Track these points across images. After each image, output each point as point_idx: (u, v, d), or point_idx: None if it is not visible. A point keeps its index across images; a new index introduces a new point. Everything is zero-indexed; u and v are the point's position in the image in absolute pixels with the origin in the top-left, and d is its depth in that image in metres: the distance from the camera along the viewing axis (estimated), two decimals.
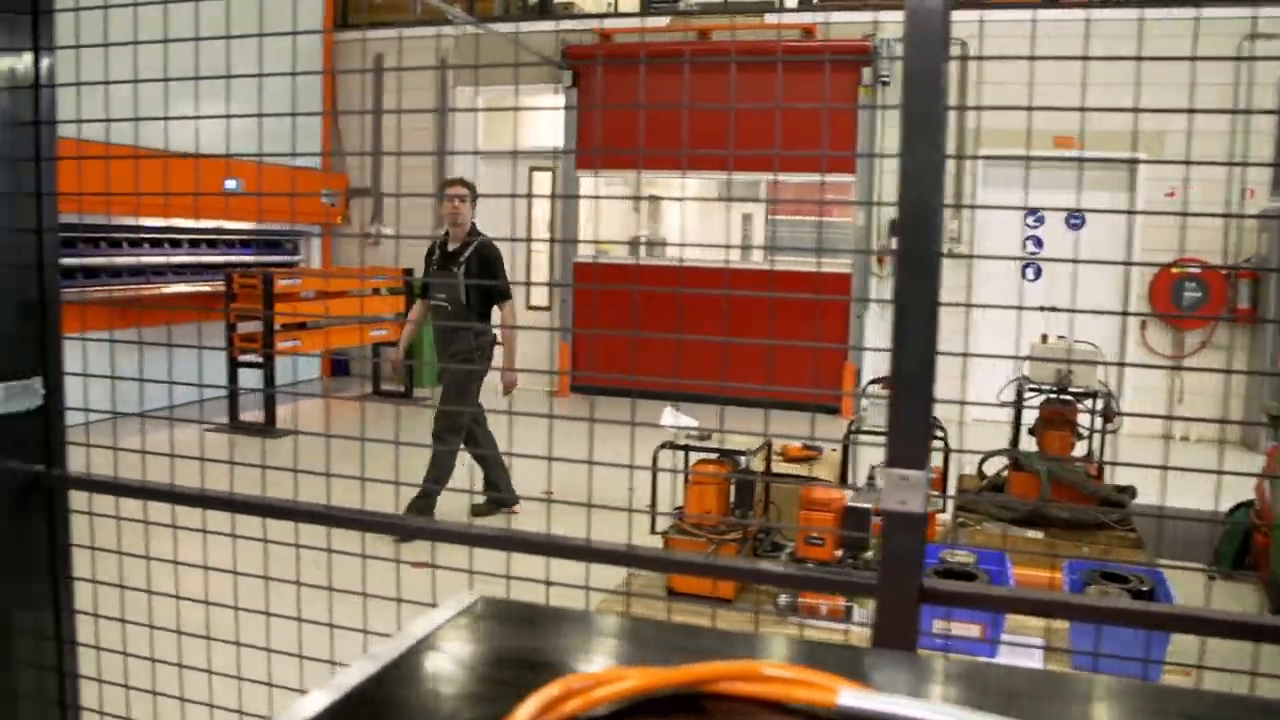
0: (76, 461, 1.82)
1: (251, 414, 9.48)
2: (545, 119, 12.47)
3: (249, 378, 10.01)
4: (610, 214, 12.27)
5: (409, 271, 11.55)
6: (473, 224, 6.56)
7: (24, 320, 1.65)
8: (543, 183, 12.49)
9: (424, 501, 6.27)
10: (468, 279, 6.34)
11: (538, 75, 11.90)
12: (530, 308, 12.28)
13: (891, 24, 10.74)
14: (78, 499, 1.81)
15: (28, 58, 1.67)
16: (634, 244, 12.45)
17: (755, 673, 0.77)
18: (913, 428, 1.28)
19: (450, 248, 6.55)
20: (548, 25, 12.12)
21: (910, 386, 1.26)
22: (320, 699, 0.84)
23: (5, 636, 1.69)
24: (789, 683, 0.76)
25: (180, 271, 10.30)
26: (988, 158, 10.18)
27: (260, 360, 9.60)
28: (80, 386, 2.23)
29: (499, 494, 6.48)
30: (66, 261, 9.15)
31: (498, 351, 6.67)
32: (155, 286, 9.87)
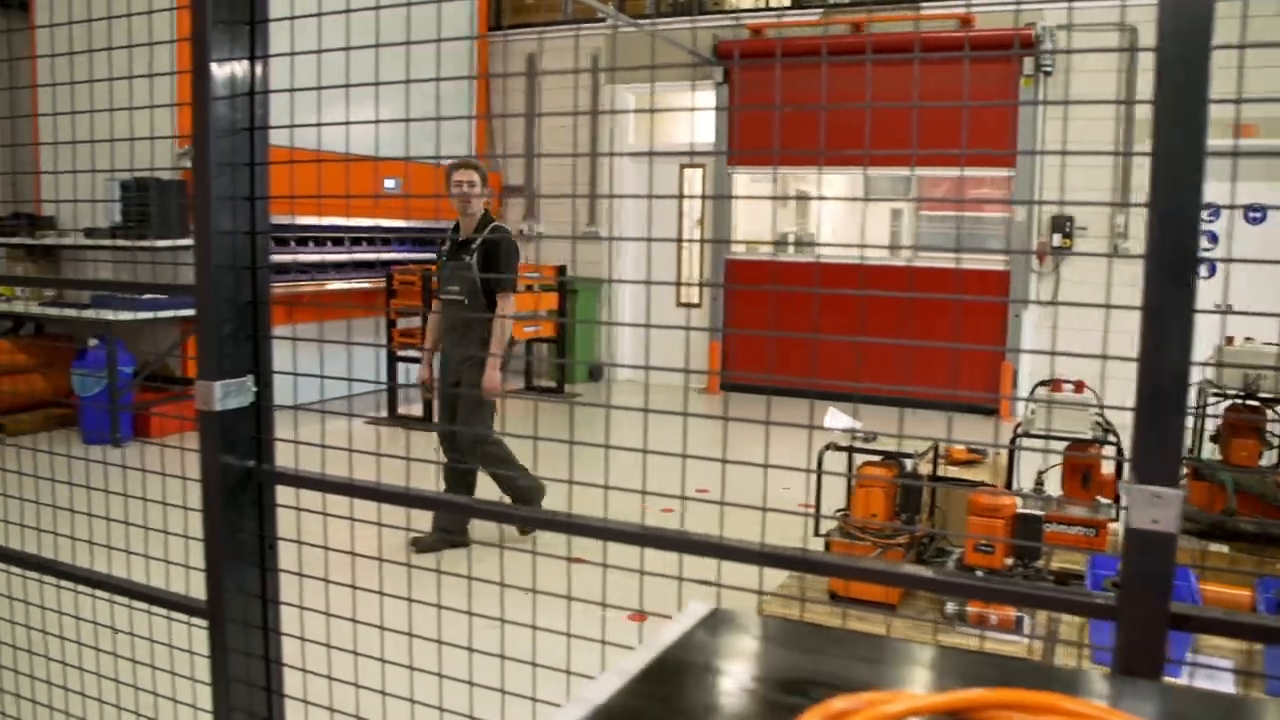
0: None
1: (407, 407, 9.76)
2: (697, 115, 12.46)
3: (402, 373, 10.30)
4: (760, 210, 12.19)
5: (562, 270, 11.72)
6: (486, 212, 5.92)
7: (240, 320, 1.71)
8: (694, 180, 12.47)
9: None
10: (481, 269, 5.76)
11: (689, 72, 11.89)
12: (680, 304, 12.28)
13: (1053, 11, 10.36)
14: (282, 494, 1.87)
15: (245, 66, 1.72)
16: (781, 243, 12.33)
17: (1050, 705, 0.72)
18: (1166, 441, 1.21)
19: (462, 236, 5.95)
20: (698, 21, 12.10)
21: (1163, 397, 1.18)
22: (571, 713, 0.83)
23: (220, 624, 1.75)
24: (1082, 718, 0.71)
25: (340, 269, 10.66)
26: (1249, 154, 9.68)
27: (419, 355, 9.84)
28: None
29: (450, 530, 5.68)
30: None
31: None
32: (319, 283, 10.24)
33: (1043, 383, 5.89)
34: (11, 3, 10.82)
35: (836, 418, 4.99)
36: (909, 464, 4.77)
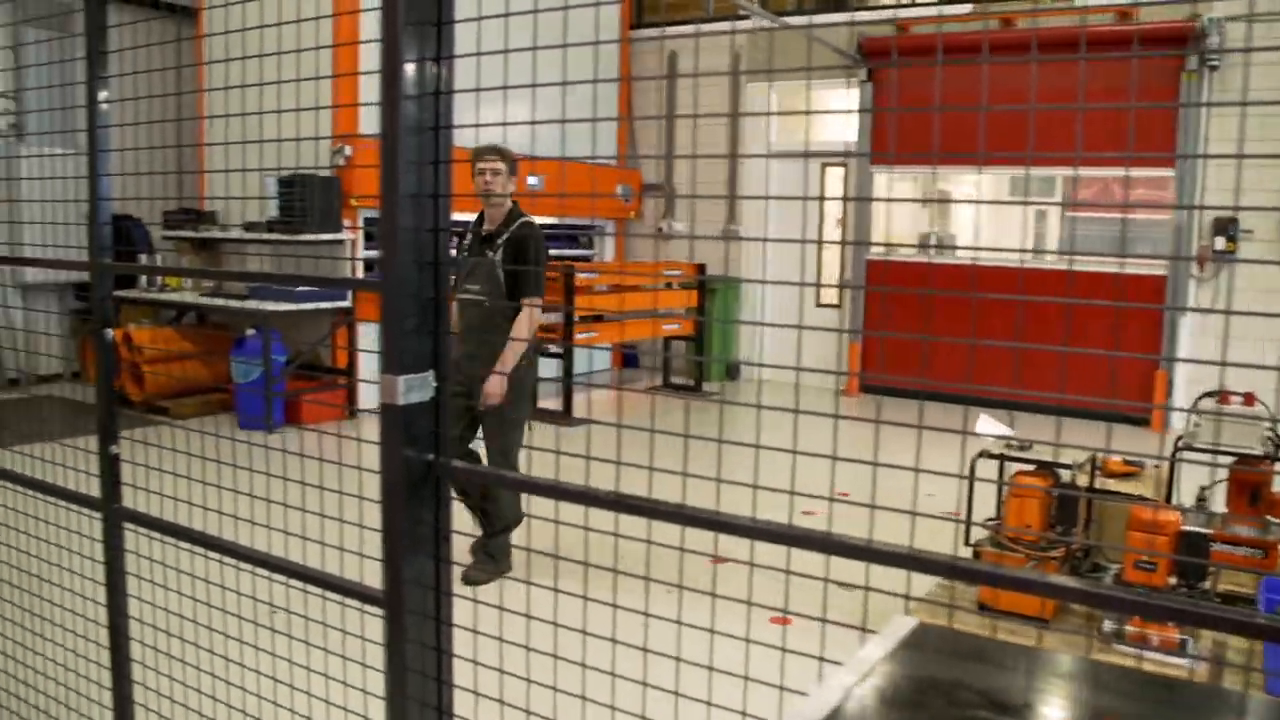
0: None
1: (545, 402, 9.89)
2: (840, 113, 12.29)
3: (545, 367, 10.45)
4: (900, 210, 11.96)
5: (702, 268, 11.71)
6: (514, 204, 5.28)
7: (423, 316, 1.74)
8: (835, 179, 12.31)
9: (497, 543, 5.18)
10: (504, 266, 5.18)
11: (832, 70, 11.73)
12: (820, 305, 12.15)
13: (1221, 1, 9.88)
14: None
15: (432, 67, 1.75)
16: (923, 245, 12.06)
17: None
18: None
19: (486, 230, 5.33)
20: (844, 18, 11.93)
21: None
22: None
23: (399, 615, 1.78)
24: None
25: None
26: None
27: (560, 351, 9.98)
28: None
29: (493, 558, 5.16)
30: (371, 254, 9.87)
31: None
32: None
33: (1209, 394, 5.61)
34: (178, 8, 11.34)
35: (988, 424, 4.86)
36: (1066, 474, 4.62)
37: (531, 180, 10.07)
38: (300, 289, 8.75)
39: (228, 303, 9.43)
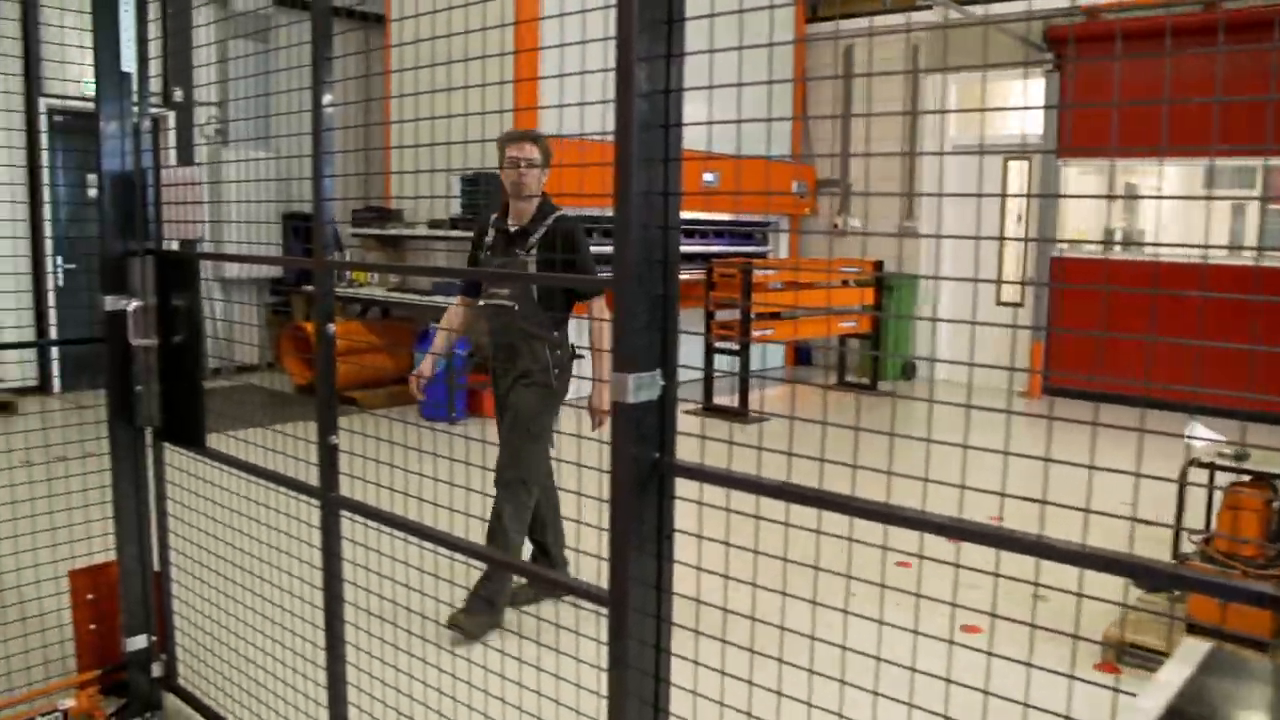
0: None
1: (721, 398, 9.87)
2: (1024, 104, 11.82)
3: (720, 363, 10.45)
4: (1086, 205, 11.43)
5: (879, 265, 11.47)
6: (545, 196, 4.69)
7: (653, 314, 1.73)
8: (1018, 172, 11.87)
9: (493, 587, 4.01)
10: (543, 267, 4.52)
11: (1014, 60, 11.30)
12: (1001, 303, 11.74)
13: None
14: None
15: (662, 64, 1.74)
16: (1107, 242, 11.50)
17: None
18: None
19: (513, 226, 4.66)
20: (1023, 7, 11.47)
21: None
22: None
23: (623, 613, 1.78)
24: None
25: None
26: None
27: (735, 347, 9.97)
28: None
29: (551, 574, 4.24)
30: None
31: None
32: None
33: None
34: (370, 16, 11.79)
35: (1200, 430, 4.58)
36: None
37: (708, 177, 10.08)
38: None
39: (409, 297, 9.78)
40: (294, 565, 3.36)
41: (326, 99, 2.70)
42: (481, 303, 4.75)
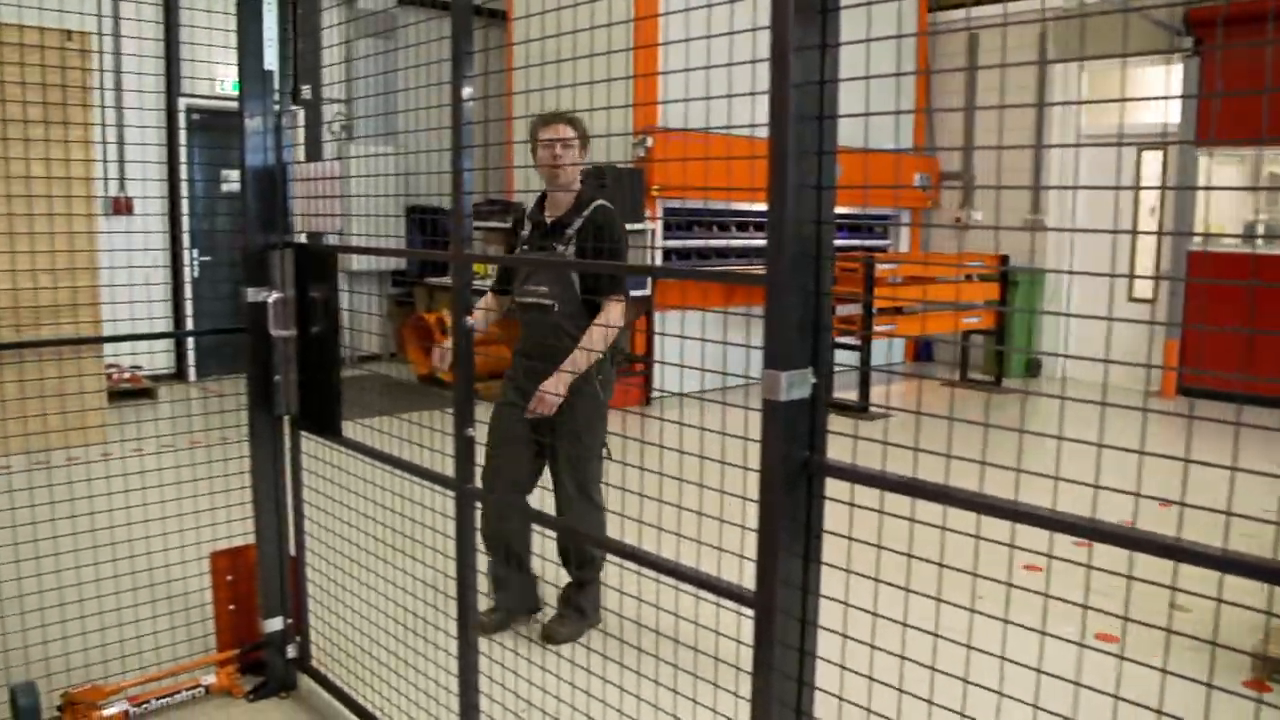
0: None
1: (841, 393, 9.73)
2: (1157, 93, 11.36)
3: (840, 358, 10.31)
4: (1219, 197, 10.91)
5: (1005, 259, 11.17)
6: (587, 183, 4.32)
7: (805, 311, 1.69)
8: (1153, 162, 11.41)
9: (587, 595, 4.23)
10: (582, 260, 4.05)
11: (1151, 45, 10.85)
12: (1133, 299, 11.32)
13: None
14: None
15: (816, 55, 1.70)
16: (1248, 236, 10.97)
17: None
18: None
19: (550, 218, 4.24)
20: None
21: None
22: None
23: (769, 616, 1.75)
24: None
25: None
26: None
27: (856, 343, 9.82)
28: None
29: (582, 611, 4.24)
30: (671, 244, 10.00)
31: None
32: (758, 268, 10.47)
33: None
34: (495, 13, 11.94)
35: None
36: None
37: None
38: None
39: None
40: (425, 554, 3.41)
41: (466, 92, 2.71)
42: (517, 302, 4.26)
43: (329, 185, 3.60)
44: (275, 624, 3.94)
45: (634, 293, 9.49)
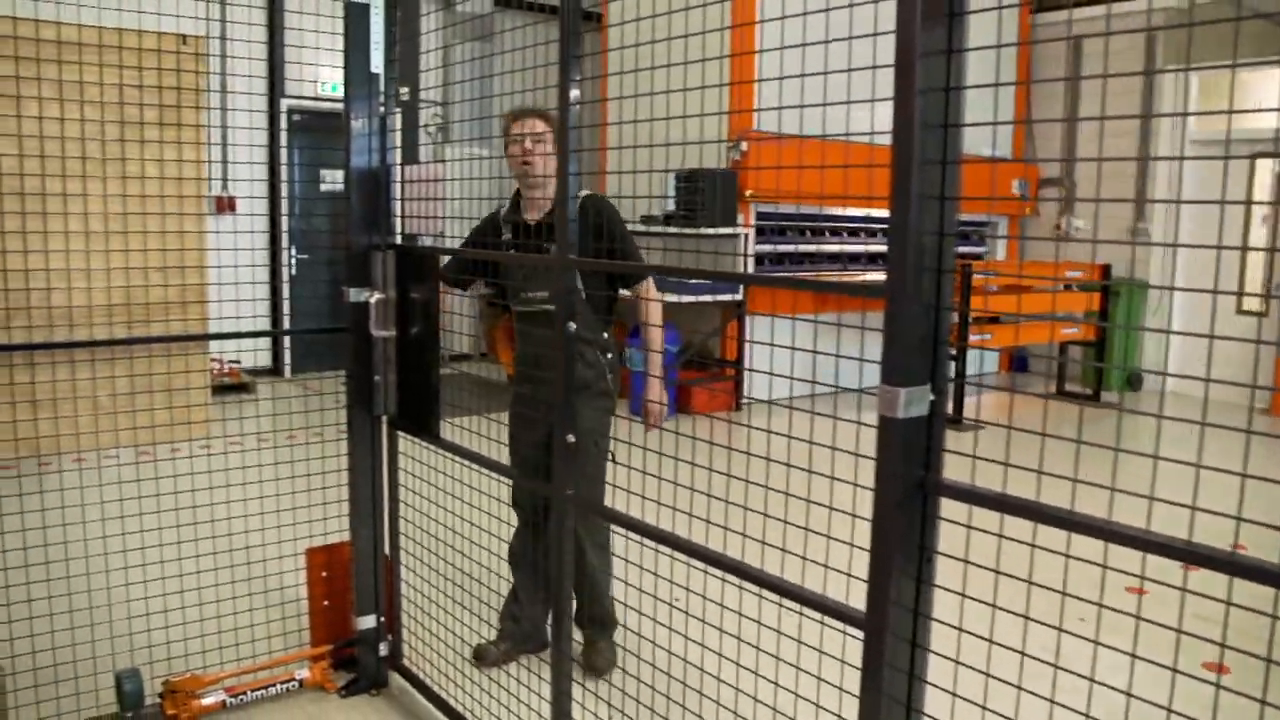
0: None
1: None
2: (1273, 96, 10.92)
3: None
4: None
5: (1107, 270, 10.84)
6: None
7: (926, 325, 1.64)
8: (1266, 170, 10.98)
9: (601, 636, 4.09)
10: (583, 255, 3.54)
11: (1269, 46, 10.43)
12: (1242, 312, 10.91)
13: None
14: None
15: (942, 60, 1.65)
16: None
17: None
18: None
19: (533, 219, 4.00)
20: None
21: None
22: None
23: (879, 638, 1.70)
24: None
25: (874, 260, 10.67)
26: None
27: (951, 352, 9.63)
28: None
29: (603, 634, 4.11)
30: (763, 248, 9.92)
31: None
32: (854, 274, 10.34)
33: None
34: (591, 15, 11.98)
35: None
36: None
37: None
38: (692, 281, 8.99)
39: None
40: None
41: (574, 95, 2.70)
42: (518, 310, 4.01)
43: (431, 188, 3.62)
44: (368, 621, 3.98)
45: (722, 297, 9.44)
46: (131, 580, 3.82)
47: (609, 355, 4.06)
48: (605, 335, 4.05)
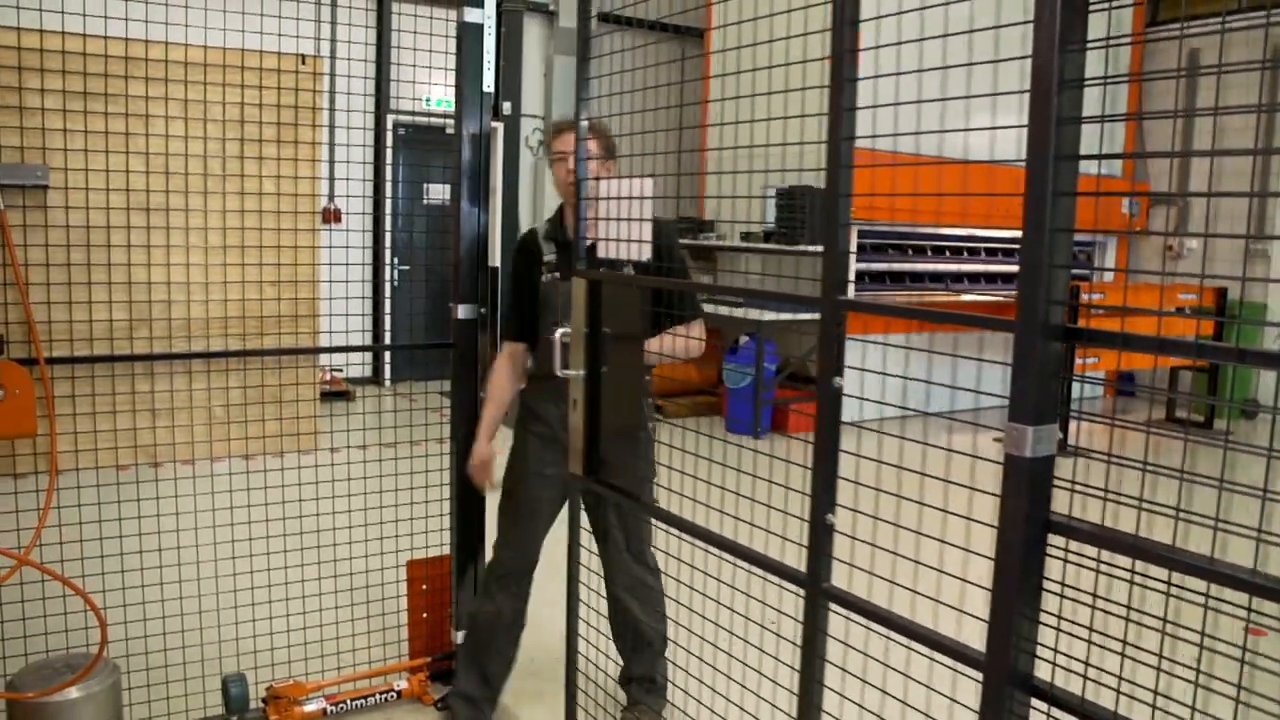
0: None
1: None
2: None
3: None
4: None
5: (1223, 293, 10.45)
6: None
7: (1054, 362, 1.59)
8: None
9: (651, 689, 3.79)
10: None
11: None
12: None
13: None
14: None
15: (1078, 91, 1.60)
16: None
17: None
18: None
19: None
20: None
21: None
22: None
23: (1000, 680, 1.65)
24: None
25: (976, 280, 10.47)
26: None
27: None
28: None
29: (654, 677, 3.79)
30: (861, 266, 9.78)
31: None
32: (953, 293, 10.16)
33: None
34: (687, 30, 12.02)
35: None
36: None
37: None
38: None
39: (720, 310, 9.84)
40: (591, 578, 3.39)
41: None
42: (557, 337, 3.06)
43: (626, 206, 2.85)
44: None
45: (804, 315, 9.32)
46: (239, 586, 3.92)
47: (651, 394, 3.79)
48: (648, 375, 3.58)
